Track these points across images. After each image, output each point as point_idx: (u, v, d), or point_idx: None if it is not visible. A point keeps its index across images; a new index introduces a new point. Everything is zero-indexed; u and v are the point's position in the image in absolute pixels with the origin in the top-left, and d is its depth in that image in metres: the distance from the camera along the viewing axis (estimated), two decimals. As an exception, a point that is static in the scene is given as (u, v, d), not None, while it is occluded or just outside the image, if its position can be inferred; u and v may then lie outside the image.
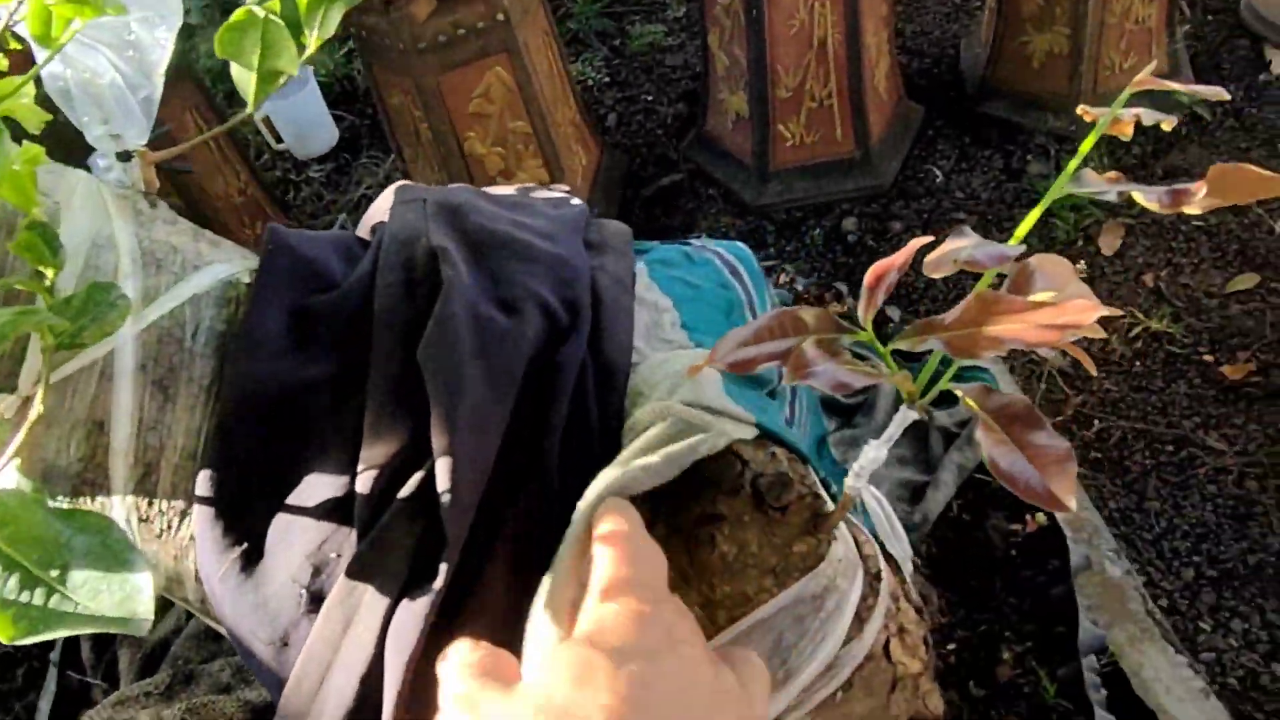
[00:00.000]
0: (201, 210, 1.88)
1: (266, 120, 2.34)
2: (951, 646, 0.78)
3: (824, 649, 0.58)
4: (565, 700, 0.36)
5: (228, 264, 0.59)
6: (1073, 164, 0.56)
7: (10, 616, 0.43)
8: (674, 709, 0.37)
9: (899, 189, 2.05)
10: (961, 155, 2.10)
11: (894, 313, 1.00)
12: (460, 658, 0.41)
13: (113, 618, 0.44)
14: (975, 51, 2.22)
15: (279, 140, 2.39)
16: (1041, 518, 0.73)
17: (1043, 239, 1.89)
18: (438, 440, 0.52)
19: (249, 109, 0.58)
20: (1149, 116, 0.53)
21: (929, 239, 0.51)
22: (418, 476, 0.53)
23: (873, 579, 0.62)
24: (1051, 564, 0.78)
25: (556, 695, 0.36)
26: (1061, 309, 0.47)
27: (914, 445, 0.90)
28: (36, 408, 0.48)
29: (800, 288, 1.05)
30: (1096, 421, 1.62)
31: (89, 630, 0.44)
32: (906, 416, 0.50)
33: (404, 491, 0.52)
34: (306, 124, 2.38)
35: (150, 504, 0.55)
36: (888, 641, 0.62)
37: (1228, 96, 0.47)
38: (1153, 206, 0.57)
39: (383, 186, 2.18)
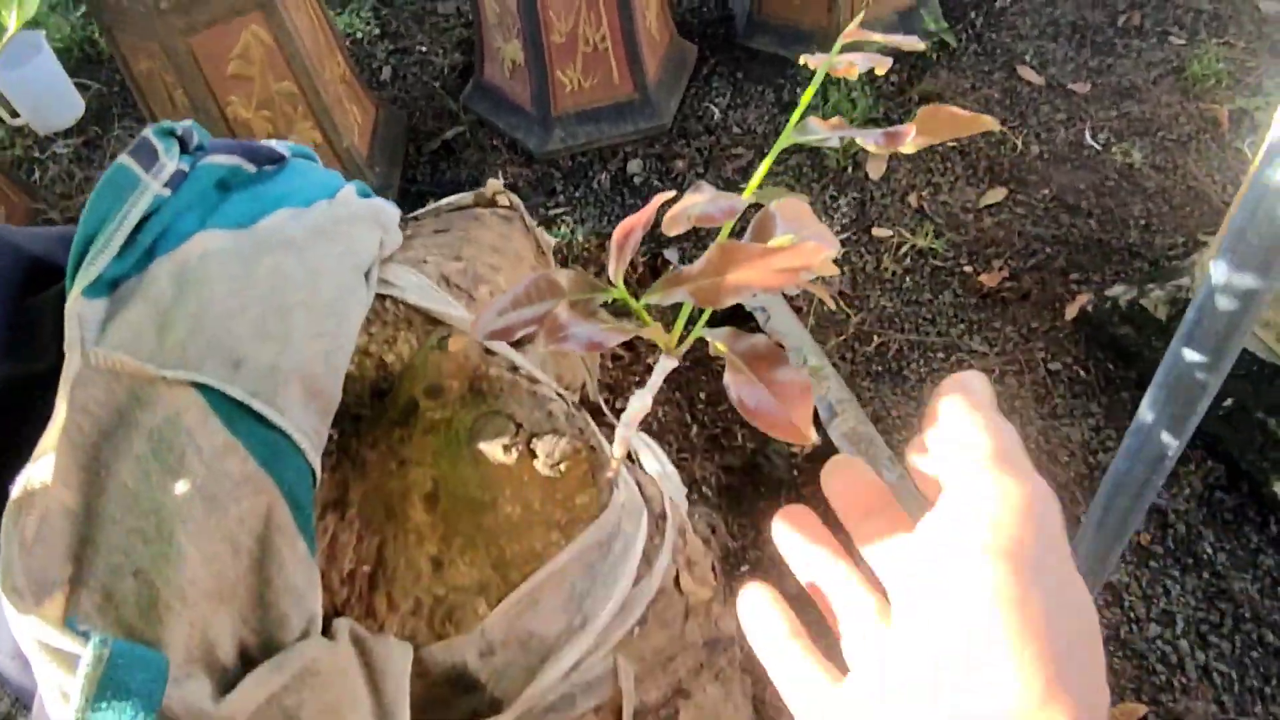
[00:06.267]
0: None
1: (-4, 93, 2.12)
2: (745, 568, 0.83)
3: (616, 591, 0.61)
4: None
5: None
6: (795, 115, 0.59)
7: None
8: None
9: (679, 128, 2.09)
10: (736, 91, 2.16)
11: (673, 255, 1.03)
12: None
13: None
14: (741, -12, 2.28)
15: (14, 115, 2.18)
16: (816, 437, 0.77)
17: (816, 168, 1.98)
18: None
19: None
20: (871, 62, 0.57)
21: (671, 194, 0.53)
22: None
23: (658, 519, 0.65)
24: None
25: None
26: (795, 252, 0.50)
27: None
28: None
29: (581, 237, 1.06)
30: (875, 337, 1.74)
31: None
32: (666, 365, 0.52)
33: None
34: (44, 94, 2.17)
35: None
36: (677, 575, 0.66)
37: (922, 46, 0.51)
38: (871, 148, 0.62)
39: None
